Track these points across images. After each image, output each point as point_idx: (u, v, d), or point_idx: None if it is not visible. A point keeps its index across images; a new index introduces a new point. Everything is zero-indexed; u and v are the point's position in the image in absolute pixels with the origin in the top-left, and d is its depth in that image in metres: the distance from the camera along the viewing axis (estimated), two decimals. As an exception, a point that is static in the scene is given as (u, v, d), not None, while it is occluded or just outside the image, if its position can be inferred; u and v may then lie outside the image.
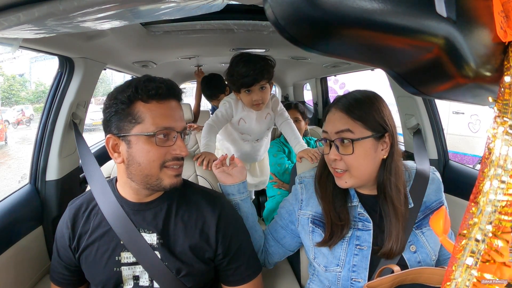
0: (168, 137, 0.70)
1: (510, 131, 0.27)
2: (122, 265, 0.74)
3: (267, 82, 1.26)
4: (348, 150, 0.73)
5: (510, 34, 0.28)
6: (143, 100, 0.68)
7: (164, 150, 0.69)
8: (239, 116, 1.37)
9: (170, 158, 0.70)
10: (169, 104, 0.71)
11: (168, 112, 0.70)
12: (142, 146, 0.68)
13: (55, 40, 0.94)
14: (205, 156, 1.09)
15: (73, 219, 0.76)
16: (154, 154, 0.68)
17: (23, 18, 0.58)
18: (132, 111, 0.68)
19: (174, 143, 0.70)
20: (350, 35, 0.24)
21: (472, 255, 0.26)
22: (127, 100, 0.68)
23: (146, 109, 0.68)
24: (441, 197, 0.81)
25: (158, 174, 0.70)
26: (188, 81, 3.99)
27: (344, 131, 0.73)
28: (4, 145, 6.19)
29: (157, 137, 0.68)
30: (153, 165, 0.69)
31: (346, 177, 0.75)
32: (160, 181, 0.70)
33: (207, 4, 0.64)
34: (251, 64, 1.21)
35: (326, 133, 0.78)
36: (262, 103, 1.28)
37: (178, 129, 0.71)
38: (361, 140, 0.72)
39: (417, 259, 0.75)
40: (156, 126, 0.68)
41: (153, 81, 0.69)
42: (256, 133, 1.44)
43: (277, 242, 0.91)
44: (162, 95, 0.69)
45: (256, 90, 1.25)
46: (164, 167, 0.70)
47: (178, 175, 0.73)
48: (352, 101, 0.75)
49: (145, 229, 0.74)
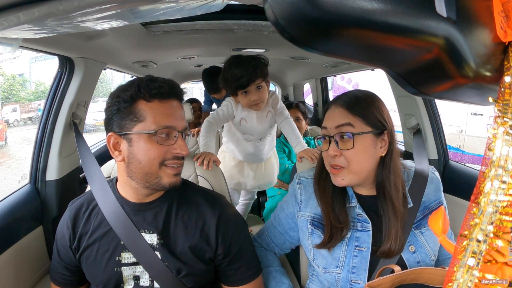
0: (169, 136, 0.70)
1: (510, 131, 0.27)
2: (122, 265, 0.74)
3: (263, 80, 1.25)
4: (347, 145, 0.73)
5: (510, 34, 0.28)
6: (145, 99, 0.69)
7: (165, 149, 0.69)
8: (240, 116, 1.36)
9: (170, 157, 0.70)
10: (170, 103, 0.71)
11: (170, 111, 0.71)
12: (143, 144, 0.68)
13: (55, 40, 0.94)
14: (205, 156, 1.09)
15: (73, 219, 0.76)
16: (155, 152, 0.68)
17: (23, 18, 0.58)
18: (134, 109, 0.69)
19: (175, 142, 0.70)
20: (350, 35, 0.24)
21: (474, 255, 0.26)
22: (129, 98, 0.69)
23: (148, 107, 0.69)
24: (440, 197, 0.81)
25: (157, 172, 0.70)
26: (188, 81, 3.99)
27: (344, 125, 0.73)
28: (4, 145, 6.19)
29: (159, 135, 0.68)
30: (153, 163, 0.69)
31: (343, 174, 0.75)
32: (159, 180, 0.70)
33: (207, 4, 0.64)
34: (243, 64, 1.21)
35: (325, 129, 0.77)
36: (261, 102, 1.27)
37: (179, 128, 0.71)
38: (361, 135, 0.72)
39: (416, 259, 0.75)
40: (157, 125, 0.68)
41: (156, 81, 0.70)
42: (258, 133, 1.42)
43: (278, 247, 0.92)
44: (164, 95, 0.70)
45: (253, 90, 1.24)
46: (163, 165, 0.70)
47: (177, 174, 0.73)
48: (353, 98, 0.76)
49: (146, 229, 0.74)
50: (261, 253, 0.90)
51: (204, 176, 1.05)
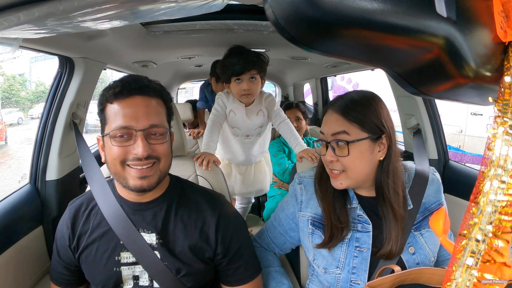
0: (130, 136, 0.68)
1: (510, 131, 0.27)
2: (121, 265, 0.74)
3: (258, 73, 1.29)
4: (343, 152, 0.73)
5: (510, 34, 0.28)
6: (109, 101, 0.70)
7: (124, 150, 0.68)
8: (230, 107, 1.39)
9: (130, 158, 0.68)
10: (129, 101, 0.68)
11: (127, 111, 0.68)
12: (108, 145, 0.69)
13: (55, 40, 0.94)
14: (205, 156, 1.09)
15: (73, 219, 0.76)
16: (114, 153, 0.68)
17: (23, 18, 0.58)
18: (104, 113, 0.71)
19: (134, 142, 0.67)
20: (350, 35, 0.24)
21: (473, 255, 0.26)
22: (100, 104, 0.72)
23: (110, 109, 0.70)
24: (440, 198, 0.81)
25: (122, 173, 0.69)
26: (188, 81, 3.99)
27: (340, 133, 0.73)
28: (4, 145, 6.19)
29: (114, 137, 0.68)
30: (114, 163, 0.69)
31: (342, 178, 0.75)
32: (126, 181, 0.69)
33: (207, 4, 0.64)
34: (243, 54, 1.28)
35: (323, 134, 0.78)
36: (251, 94, 1.30)
37: (139, 127, 0.67)
38: (356, 142, 0.72)
39: (415, 261, 0.75)
40: (114, 126, 0.68)
41: (115, 82, 0.71)
42: (245, 127, 1.43)
43: (278, 247, 0.92)
44: (121, 94, 0.68)
45: (246, 79, 1.28)
46: (127, 165, 0.68)
47: (143, 177, 0.68)
48: (349, 102, 0.74)
49: (145, 229, 0.74)
50: (261, 254, 0.90)
51: (204, 176, 1.05)
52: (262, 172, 1.63)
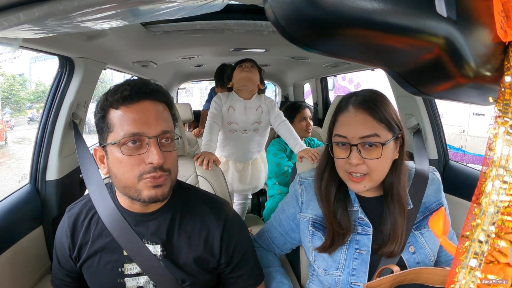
0: (142, 144, 0.63)
1: (511, 131, 0.27)
2: (125, 277, 0.72)
3: (257, 70, 1.52)
4: (373, 154, 0.69)
5: (510, 34, 0.28)
6: (113, 106, 0.64)
7: (137, 159, 0.63)
8: (229, 104, 1.48)
9: (147, 170, 0.63)
10: (139, 106, 0.63)
11: (137, 116, 0.63)
12: (116, 156, 0.63)
13: (55, 40, 0.94)
14: (205, 156, 1.09)
15: (72, 228, 0.73)
16: (127, 164, 0.62)
17: (23, 18, 0.58)
18: (106, 120, 0.65)
19: (147, 150, 0.63)
20: (350, 35, 0.24)
21: (476, 256, 0.26)
22: (101, 110, 0.65)
23: (116, 115, 0.63)
24: (440, 198, 0.81)
25: (136, 186, 0.64)
26: (188, 81, 3.99)
27: (371, 136, 0.69)
28: (4, 145, 6.19)
29: (125, 145, 0.62)
30: (128, 177, 0.63)
31: (365, 181, 0.71)
32: (138, 193, 0.64)
33: (207, 4, 0.64)
34: None
35: (344, 138, 0.72)
36: (250, 82, 1.46)
37: (152, 134, 0.63)
38: (387, 144, 0.70)
39: (416, 260, 0.75)
40: (124, 133, 0.62)
41: (121, 85, 0.65)
42: (243, 121, 1.50)
43: (278, 248, 0.91)
44: (129, 98, 0.63)
45: (248, 66, 1.50)
46: (142, 178, 0.63)
47: (157, 186, 0.64)
48: (373, 100, 0.71)
49: (149, 241, 0.71)
50: (261, 254, 0.90)
51: (204, 176, 1.05)
52: (258, 169, 1.71)
